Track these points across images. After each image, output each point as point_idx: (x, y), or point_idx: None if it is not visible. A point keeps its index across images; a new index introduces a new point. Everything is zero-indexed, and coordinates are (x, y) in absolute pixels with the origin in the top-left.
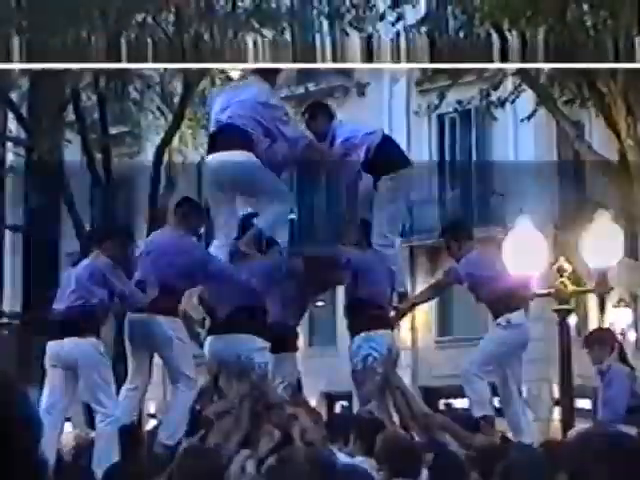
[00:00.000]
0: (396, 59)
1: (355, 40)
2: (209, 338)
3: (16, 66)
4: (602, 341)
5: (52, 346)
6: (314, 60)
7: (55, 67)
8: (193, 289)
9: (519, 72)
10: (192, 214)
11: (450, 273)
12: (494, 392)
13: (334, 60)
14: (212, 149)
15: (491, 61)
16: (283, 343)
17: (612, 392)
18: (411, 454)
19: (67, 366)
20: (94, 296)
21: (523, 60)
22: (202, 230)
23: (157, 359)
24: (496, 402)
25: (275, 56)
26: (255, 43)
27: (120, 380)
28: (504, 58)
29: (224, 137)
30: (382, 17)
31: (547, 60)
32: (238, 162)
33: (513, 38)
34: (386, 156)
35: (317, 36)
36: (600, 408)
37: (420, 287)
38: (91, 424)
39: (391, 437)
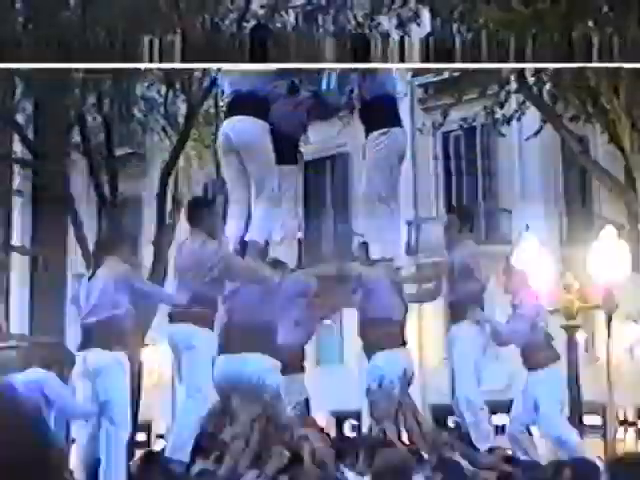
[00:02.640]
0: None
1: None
2: (220, 358)
3: (27, 66)
4: (514, 274)
5: (79, 357)
6: (319, 83)
7: (62, 67)
8: None
9: (522, 89)
10: (205, 215)
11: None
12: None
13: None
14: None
15: (498, 78)
16: (291, 364)
17: (537, 320)
18: (405, 472)
19: (92, 378)
20: (120, 306)
21: (528, 81)
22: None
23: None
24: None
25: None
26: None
27: None
28: (510, 75)
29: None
30: (387, 36)
31: (553, 77)
32: (253, 125)
33: (517, 48)
34: (379, 110)
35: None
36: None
37: (427, 305)
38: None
39: (387, 455)
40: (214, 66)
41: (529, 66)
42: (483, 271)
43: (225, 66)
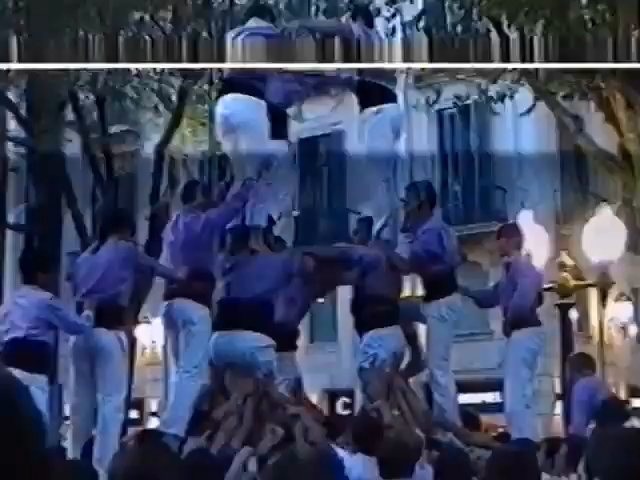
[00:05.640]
0: (393, 55)
1: (353, 35)
2: (214, 335)
3: (14, 66)
4: (510, 235)
5: (77, 336)
6: (312, 57)
7: (52, 67)
8: None
9: (516, 67)
10: (198, 193)
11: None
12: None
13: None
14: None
15: (489, 56)
16: (285, 342)
17: (518, 281)
18: (413, 452)
19: (90, 357)
20: (123, 283)
21: (522, 55)
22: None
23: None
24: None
25: (273, 52)
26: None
27: None
28: (502, 54)
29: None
30: (378, 13)
31: (546, 55)
32: (249, 103)
33: (511, 33)
34: (374, 86)
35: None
36: (506, 297)
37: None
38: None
39: (394, 435)
40: (211, 66)
41: (525, 66)
42: (452, 245)
43: (222, 66)
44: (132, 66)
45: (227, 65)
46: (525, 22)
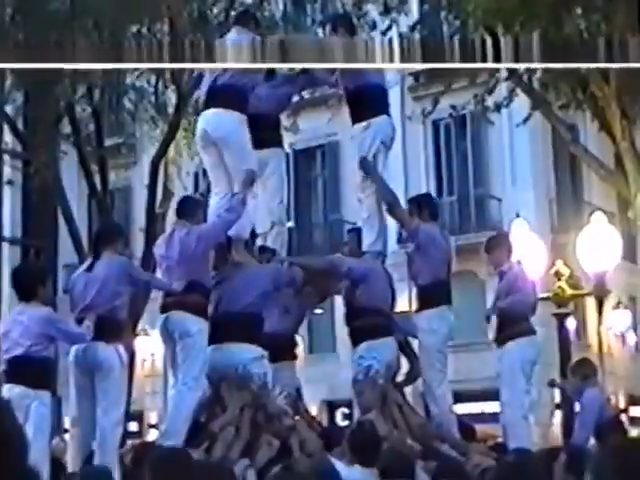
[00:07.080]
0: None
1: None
2: (208, 348)
3: (12, 66)
4: (501, 245)
5: (77, 350)
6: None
7: (53, 67)
8: None
9: (512, 77)
10: (194, 209)
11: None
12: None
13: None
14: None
15: (485, 60)
16: (282, 352)
17: (514, 287)
18: (412, 464)
19: (89, 371)
20: (120, 297)
21: (515, 57)
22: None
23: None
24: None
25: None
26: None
27: None
28: (498, 62)
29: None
30: (374, 25)
31: (542, 60)
32: (229, 118)
33: (507, 42)
34: (363, 100)
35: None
36: (504, 301)
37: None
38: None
39: (394, 448)
40: (207, 66)
41: (521, 66)
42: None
43: (219, 66)
44: (127, 66)
45: (225, 65)
46: (521, 32)
